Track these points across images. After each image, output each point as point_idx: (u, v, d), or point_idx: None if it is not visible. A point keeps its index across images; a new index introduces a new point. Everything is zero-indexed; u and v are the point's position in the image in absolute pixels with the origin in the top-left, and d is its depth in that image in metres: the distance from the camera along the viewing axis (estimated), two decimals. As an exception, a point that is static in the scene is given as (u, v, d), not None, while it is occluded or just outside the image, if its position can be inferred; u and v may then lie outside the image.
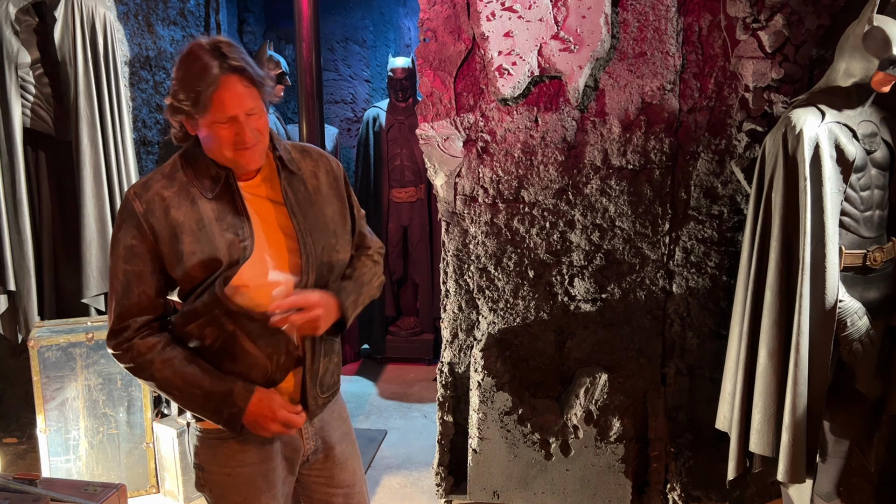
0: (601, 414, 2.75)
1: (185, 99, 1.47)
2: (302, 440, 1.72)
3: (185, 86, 1.47)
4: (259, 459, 1.67)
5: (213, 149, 1.53)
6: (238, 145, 1.50)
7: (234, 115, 1.48)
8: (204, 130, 1.51)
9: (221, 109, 1.47)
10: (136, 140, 3.79)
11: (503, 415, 2.79)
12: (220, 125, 1.48)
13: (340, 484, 1.80)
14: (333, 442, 1.78)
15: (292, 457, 1.73)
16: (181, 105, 1.48)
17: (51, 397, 2.93)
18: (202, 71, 1.45)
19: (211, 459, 1.67)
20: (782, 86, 2.59)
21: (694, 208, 2.71)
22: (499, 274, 2.81)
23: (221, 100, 1.46)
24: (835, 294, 2.25)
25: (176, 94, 1.48)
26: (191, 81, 1.46)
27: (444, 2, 2.66)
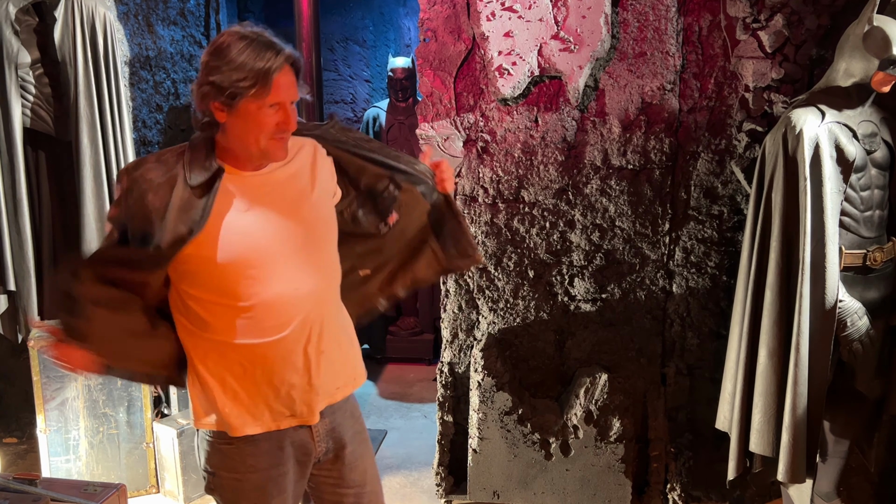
0: (601, 414, 2.74)
1: (241, 79, 1.45)
2: (313, 442, 1.70)
3: (242, 67, 1.46)
4: (269, 464, 1.65)
5: (247, 135, 1.52)
6: (278, 132, 1.52)
7: (285, 102, 1.51)
8: (246, 115, 1.49)
9: (278, 93, 1.49)
10: (136, 140, 3.79)
11: (503, 415, 2.79)
12: (269, 109, 1.49)
13: (350, 484, 1.78)
14: (345, 442, 1.75)
15: (304, 460, 1.71)
16: (232, 85, 1.46)
17: (51, 397, 2.93)
18: (268, 53, 1.47)
19: (220, 464, 1.66)
20: (782, 86, 2.59)
21: (694, 208, 2.71)
22: (499, 274, 2.81)
23: (280, 84, 1.49)
24: (835, 294, 2.25)
25: (225, 75, 1.46)
26: (253, 62, 1.46)
27: (444, 2, 2.66)
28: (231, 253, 1.53)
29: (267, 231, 1.57)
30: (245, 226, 1.55)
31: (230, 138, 1.55)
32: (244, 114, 1.49)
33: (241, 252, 1.54)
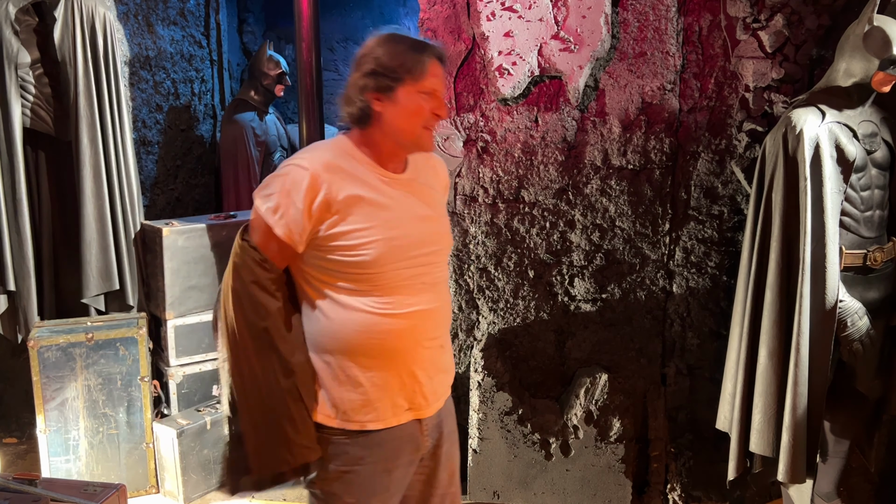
0: (601, 414, 2.74)
1: (397, 67, 1.56)
2: (422, 436, 1.70)
3: (398, 56, 1.57)
4: (379, 458, 1.64)
5: (402, 123, 1.59)
6: (432, 119, 1.61)
7: (438, 90, 1.61)
8: (402, 101, 1.58)
9: (432, 80, 1.59)
10: (136, 140, 3.79)
11: (503, 415, 2.79)
12: (424, 96, 1.58)
13: (439, 483, 1.77)
14: (444, 439, 1.76)
15: (412, 457, 1.70)
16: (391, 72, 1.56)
17: (51, 397, 2.93)
18: (422, 45, 1.60)
19: (330, 457, 1.64)
20: (782, 86, 2.59)
21: (694, 208, 2.71)
22: (499, 274, 2.81)
23: (433, 72, 1.59)
24: (835, 294, 2.25)
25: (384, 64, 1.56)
26: (408, 52, 1.57)
27: (444, 2, 2.66)
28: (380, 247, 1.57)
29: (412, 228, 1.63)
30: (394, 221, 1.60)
31: (385, 130, 1.61)
32: (401, 100, 1.58)
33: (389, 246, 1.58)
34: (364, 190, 1.58)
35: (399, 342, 1.62)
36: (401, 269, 1.59)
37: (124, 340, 3.01)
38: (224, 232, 3.36)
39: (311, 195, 1.52)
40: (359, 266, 1.55)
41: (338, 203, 1.54)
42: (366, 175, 1.60)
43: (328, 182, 1.54)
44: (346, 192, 1.55)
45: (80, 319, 3.17)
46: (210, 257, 3.32)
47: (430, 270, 1.66)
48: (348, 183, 1.56)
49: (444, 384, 1.74)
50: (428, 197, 1.71)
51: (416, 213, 1.65)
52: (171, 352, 3.25)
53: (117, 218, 3.30)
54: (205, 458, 3.08)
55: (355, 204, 1.56)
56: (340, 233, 1.54)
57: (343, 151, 1.61)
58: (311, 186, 1.52)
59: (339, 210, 1.54)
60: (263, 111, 4.48)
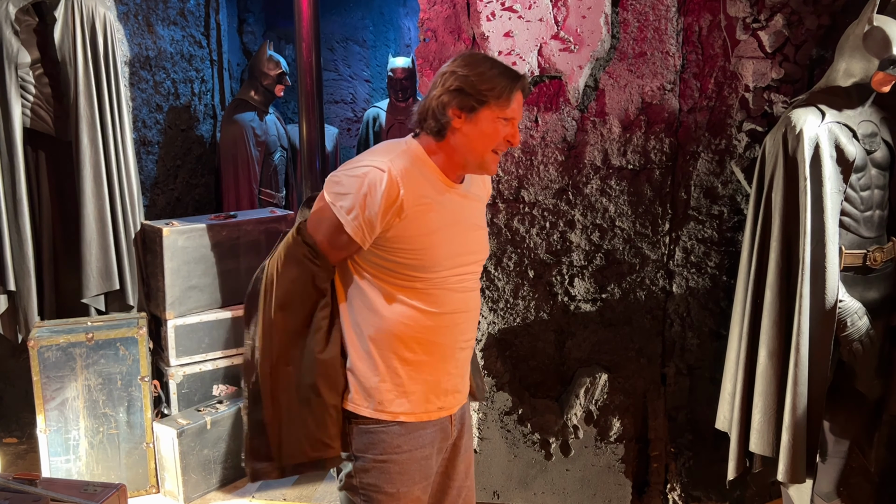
0: (601, 414, 2.74)
1: (488, 89, 1.60)
2: (451, 426, 1.77)
3: (489, 80, 1.61)
4: (415, 446, 1.70)
5: (475, 143, 1.64)
6: (504, 146, 1.66)
7: (516, 119, 1.66)
8: (482, 123, 1.62)
9: (515, 107, 1.64)
10: (136, 140, 3.79)
11: (503, 415, 2.79)
12: (503, 122, 1.63)
13: (456, 475, 1.82)
14: (463, 431, 1.83)
15: (442, 445, 1.77)
16: (479, 92, 1.60)
17: (51, 397, 2.93)
18: (511, 73, 1.64)
19: (365, 448, 1.68)
20: (782, 86, 2.59)
21: (694, 208, 2.72)
22: (499, 274, 2.81)
23: (517, 100, 1.65)
24: (835, 294, 2.25)
25: (473, 84, 1.60)
26: (499, 78, 1.61)
27: (444, 2, 2.66)
28: (441, 253, 1.65)
29: (467, 237, 1.72)
30: (455, 230, 1.68)
31: (457, 146, 1.65)
32: (481, 122, 1.62)
33: (448, 252, 1.66)
34: (433, 197, 1.64)
35: (441, 340, 1.70)
36: (453, 274, 1.68)
37: (124, 340, 3.01)
38: (224, 232, 3.36)
39: (388, 199, 1.58)
40: (418, 268, 1.63)
41: (411, 208, 1.60)
42: (435, 183, 1.66)
43: (405, 187, 1.59)
44: (419, 198, 1.62)
45: (80, 319, 3.17)
46: (210, 257, 3.33)
47: (473, 277, 1.76)
48: (421, 189, 1.63)
49: (468, 381, 1.83)
50: (477, 208, 1.79)
51: (470, 222, 1.74)
52: (171, 352, 3.25)
53: (117, 218, 3.30)
54: (205, 458, 3.08)
55: (425, 210, 1.62)
56: (407, 236, 1.61)
57: (416, 158, 1.66)
58: (388, 190, 1.58)
59: (410, 215, 1.60)
60: (263, 111, 4.48)
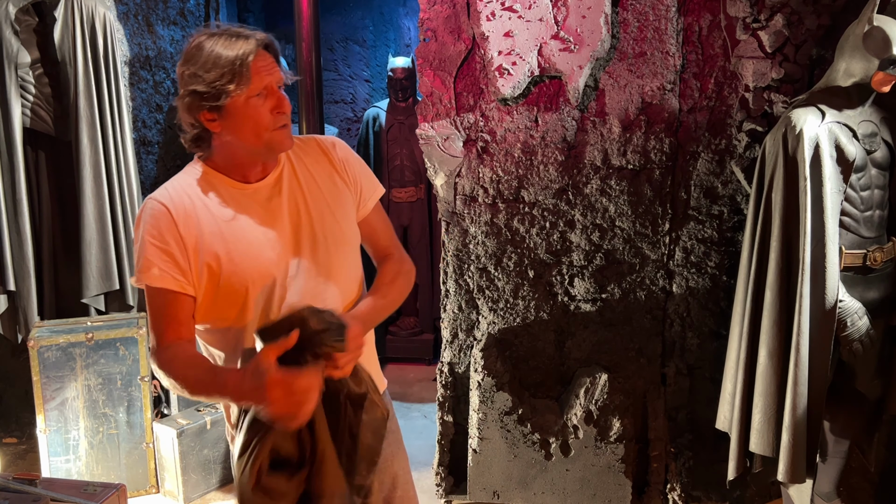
0: (601, 414, 2.74)
1: (217, 78, 1.38)
2: None
3: (215, 64, 1.39)
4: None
5: (245, 133, 1.44)
6: (277, 121, 1.45)
7: (272, 85, 1.43)
8: (236, 113, 1.42)
9: (260, 79, 1.41)
10: (136, 140, 3.79)
11: (503, 415, 2.79)
12: (259, 99, 1.42)
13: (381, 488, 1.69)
14: None
15: None
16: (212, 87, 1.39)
17: (51, 397, 2.93)
18: (236, 43, 1.41)
19: None
20: (782, 86, 2.59)
21: (694, 208, 2.71)
22: (499, 274, 2.81)
23: (259, 69, 1.41)
24: (835, 294, 2.25)
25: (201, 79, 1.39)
26: (223, 57, 1.39)
27: (444, 2, 2.66)
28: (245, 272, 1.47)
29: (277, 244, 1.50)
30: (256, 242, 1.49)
31: (230, 146, 1.48)
32: (235, 113, 1.42)
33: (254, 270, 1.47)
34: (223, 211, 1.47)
35: None
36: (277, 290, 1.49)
37: (124, 340, 3.01)
38: (224, 232, 3.35)
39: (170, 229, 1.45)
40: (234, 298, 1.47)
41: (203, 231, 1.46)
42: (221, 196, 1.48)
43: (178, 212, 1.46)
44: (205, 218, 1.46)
45: (80, 319, 3.17)
46: (210, 257, 3.32)
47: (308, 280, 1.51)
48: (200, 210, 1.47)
49: None
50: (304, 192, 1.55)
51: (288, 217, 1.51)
52: (171, 352, 3.24)
53: (117, 218, 3.30)
54: (205, 457, 3.08)
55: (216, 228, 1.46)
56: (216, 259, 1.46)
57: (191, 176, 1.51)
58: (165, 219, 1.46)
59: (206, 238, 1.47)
60: (263, 111, 4.47)
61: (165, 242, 1.45)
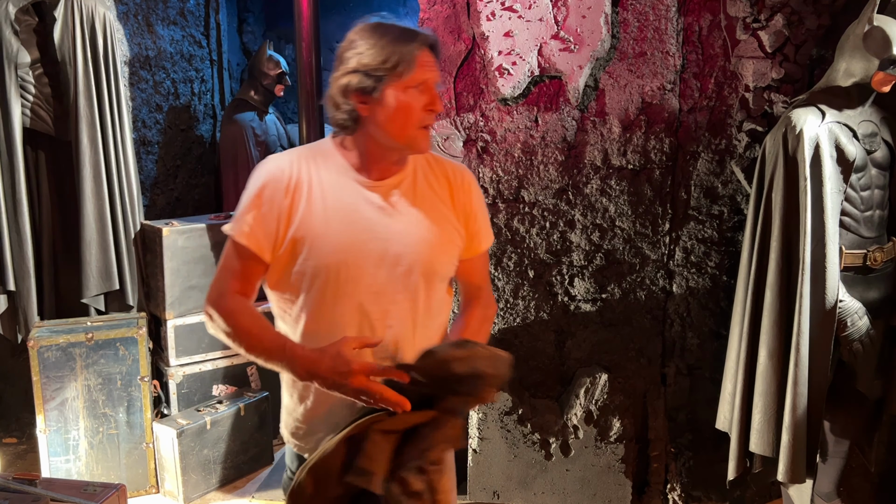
0: (601, 414, 2.74)
1: (383, 62, 1.40)
2: None
3: (383, 49, 1.41)
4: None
5: (393, 123, 1.45)
6: (426, 119, 1.45)
7: (430, 82, 1.45)
8: (391, 101, 1.43)
9: (423, 72, 1.43)
10: (136, 140, 3.79)
11: (503, 415, 2.79)
12: (416, 91, 1.43)
13: None
14: None
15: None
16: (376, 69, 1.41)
17: (50, 397, 2.93)
18: (408, 34, 1.44)
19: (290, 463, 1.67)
20: (782, 86, 2.59)
21: (694, 208, 2.71)
22: (499, 274, 2.81)
23: (424, 63, 1.44)
24: (835, 294, 2.25)
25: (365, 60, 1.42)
26: (394, 44, 1.42)
27: (444, 2, 2.66)
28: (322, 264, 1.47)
29: (369, 247, 1.48)
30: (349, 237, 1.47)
31: (369, 136, 1.48)
32: (389, 99, 1.43)
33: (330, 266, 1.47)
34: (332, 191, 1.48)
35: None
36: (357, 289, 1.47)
37: (124, 340, 3.01)
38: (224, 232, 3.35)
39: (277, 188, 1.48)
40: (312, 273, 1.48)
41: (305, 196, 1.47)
42: (339, 177, 1.50)
43: (298, 175, 1.48)
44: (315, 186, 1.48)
45: (80, 319, 3.17)
46: (210, 257, 3.32)
47: (396, 306, 1.50)
48: (318, 178, 1.48)
49: None
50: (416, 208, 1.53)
51: (391, 228, 1.50)
52: (171, 352, 3.25)
53: (117, 218, 3.30)
54: (205, 457, 3.08)
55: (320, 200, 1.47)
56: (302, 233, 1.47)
57: (319, 150, 1.53)
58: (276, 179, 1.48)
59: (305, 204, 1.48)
60: (263, 111, 4.48)
61: (265, 205, 1.47)
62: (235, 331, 1.47)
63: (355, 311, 1.49)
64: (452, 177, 1.60)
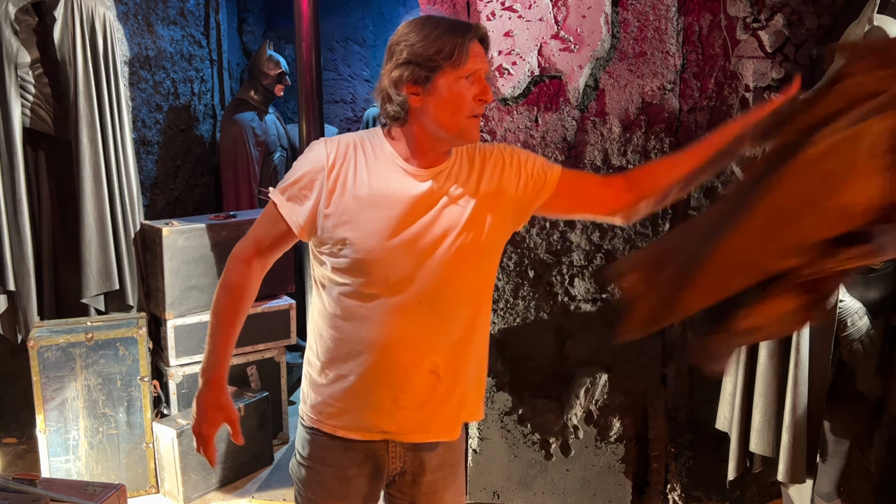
0: (601, 414, 2.74)
1: (436, 52, 1.43)
2: (387, 456, 1.62)
3: (437, 39, 1.44)
4: (338, 463, 1.60)
5: (445, 113, 1.47)
6: (478, 106, 1.48)
7: (481, 73, 1.47)
8: (442, 91, 1.45)
9: (474, 63, 1.45)
10: (136, 140, 3.79)
11: (503, 415, 2.79)
12: (467, 81, 1.46)
13: None
14: (426, 468, 1.64)
15: (375, 472, 1.63)
16: (427, 60, 1.44)
17: (50, 397, 2.93)
18: (459, 26, 1.46)
19: (301, 448, 1.67)
20: (782, 86, 2.59)
21: (694, 208, 2.71)
22: (499, 274, 2.81)
23: (475, 53, 1.46)
24: (835, 294, 2.25)
25: (419, 51, 1.44)
26: (447, 35, 1.44)
27: (444, 1, 2.66)
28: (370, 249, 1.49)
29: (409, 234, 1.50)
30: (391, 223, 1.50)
31: (420, 127, 1.50)
32: (441, 89, 1.45)
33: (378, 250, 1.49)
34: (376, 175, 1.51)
35: (377, 357, 1.53)
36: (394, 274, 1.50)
37: (124, 340, 3.01)
38: (224, 232, 3.35)
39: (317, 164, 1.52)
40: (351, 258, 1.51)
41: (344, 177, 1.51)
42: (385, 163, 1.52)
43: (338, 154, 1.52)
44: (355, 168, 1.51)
45: (80, 319, 3.17)
46: (210, 257, 3.32)
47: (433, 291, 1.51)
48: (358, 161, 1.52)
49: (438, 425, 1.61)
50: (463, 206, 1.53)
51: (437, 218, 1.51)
52: (170, 352, 3.25)
53: (117, 218, 3.29)
54: (204, 458, 3.08)
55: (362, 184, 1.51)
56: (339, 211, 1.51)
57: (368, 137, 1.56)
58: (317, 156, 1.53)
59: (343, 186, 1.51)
60: (263, 111, 4.48)
61: (308, 181, 1.52)
62: (216, 302, 1.62)
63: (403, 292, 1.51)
64: (490, 155, 1.61)
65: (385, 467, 1.63)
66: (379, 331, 1.52)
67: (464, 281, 1.55)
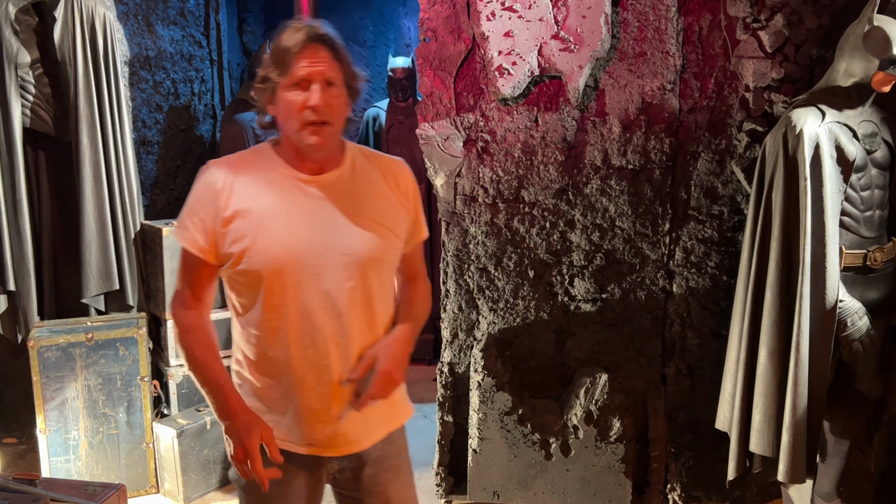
0: (601, 414, 2.74)
1: (269, 65, 1.48)
2: (324, 458, 1.62)
3: (271, 52, 1.48)
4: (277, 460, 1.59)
5: (285, 123, 1.51)
6: (309, 115, 1.45)
7: (309, 80, 1.45)
8: (280, 101, 1.48)
9: (300, 69, 1.44)
10: (136, 140, 3.79)
11: (503, 415, 2.79)
12: (293, 90, 1.46)
13: None
14: (365, 461, 1.64)
15: (314, 473, 1.63)
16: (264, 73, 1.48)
17: (50, 397, 2.93)
18: (290, 38, 1.46)
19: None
20: (782, 86, 2.59)
21: (694, 208, 2.71)
22: (499, 274, 2.81)
23: (299, 60, 1.45)
24: (835, 294, 2.25)
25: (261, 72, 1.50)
26: (276, 48, 1.47)
27: (444, 2, 2.66)
28: (268, 258, 1.50)
29: (306, 241, 1.51)
30: (288, 234, 1.50)
31: (284, 134, 1.55)
32: (279, 101, 1.49)
33: (276, 259, 1.50)
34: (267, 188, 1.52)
35: (293, 367, 1.53)
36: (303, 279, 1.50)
37: (124, 340, 3.01)
38: (224, 232, 3.35)
39: (210, 190, 1.53)
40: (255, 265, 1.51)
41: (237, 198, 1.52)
42: (271, 174, 1.54)
43: (227, 177, 1.53)
44: (246, 186, 1.52)
45: (80, 319, 3.17)
46: (210, 257, 3.32)
47: (341, 293, 1.52)
48: (249, 178, 1.53)
49: (367, 429, 1.61)
50: (355, 203, 1.55)
51: (334, 219, 1.53)
52: (171, 352, 3.24)
53: (117, 218, 3.30)
54: (205, 457, 3.08)
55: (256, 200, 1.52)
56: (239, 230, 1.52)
57: (255, 152, 1.60)
58: (210, 182, 1.54)
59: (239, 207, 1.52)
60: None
61: (202, 208, 1.52)
62: (186, 352, 1.57)
63: (305, 301, 1.51)
64: (388, 171, 1.63)
65: (323, 466, 1.64)
66: (285, 341, 1.53)
67: (362, 286, 1.55)
